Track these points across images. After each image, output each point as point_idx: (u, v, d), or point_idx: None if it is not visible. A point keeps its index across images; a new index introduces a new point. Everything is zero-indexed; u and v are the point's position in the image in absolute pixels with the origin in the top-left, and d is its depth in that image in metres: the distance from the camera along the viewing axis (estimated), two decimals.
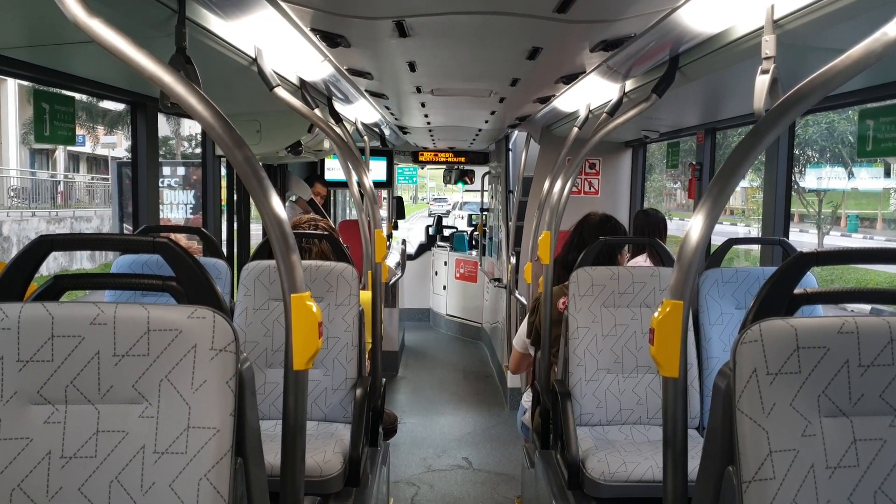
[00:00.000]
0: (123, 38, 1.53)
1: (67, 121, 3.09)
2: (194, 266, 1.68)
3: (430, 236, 11.64)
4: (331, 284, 3.26)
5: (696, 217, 1.63)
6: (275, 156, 4.75)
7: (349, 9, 2.50)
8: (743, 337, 1.44)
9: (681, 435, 1.68)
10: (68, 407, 1.51)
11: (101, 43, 1.52)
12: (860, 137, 2.95)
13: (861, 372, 1.43)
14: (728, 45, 2.47)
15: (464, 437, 6.42)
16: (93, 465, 1.49)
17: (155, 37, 2.21)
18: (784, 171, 3.81)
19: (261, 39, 2.79)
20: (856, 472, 1.43)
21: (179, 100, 1.55)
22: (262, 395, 3.20)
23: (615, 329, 3.27)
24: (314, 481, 2.78)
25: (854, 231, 22.66)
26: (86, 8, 1.49)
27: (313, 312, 1.69)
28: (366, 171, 3.76)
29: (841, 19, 1.91)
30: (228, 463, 1.49)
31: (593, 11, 2.38)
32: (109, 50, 1.53)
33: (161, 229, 3.86)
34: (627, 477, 2.82)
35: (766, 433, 1.40)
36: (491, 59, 3.39)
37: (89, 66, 2.98)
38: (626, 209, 6.39)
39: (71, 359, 1.50)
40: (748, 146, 1.58)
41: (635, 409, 3.26)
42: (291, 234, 1.68)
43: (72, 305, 1.52)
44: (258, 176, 1.64)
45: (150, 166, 3.82)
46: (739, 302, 3.36)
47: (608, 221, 3.80)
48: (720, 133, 4.78)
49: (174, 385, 1.50)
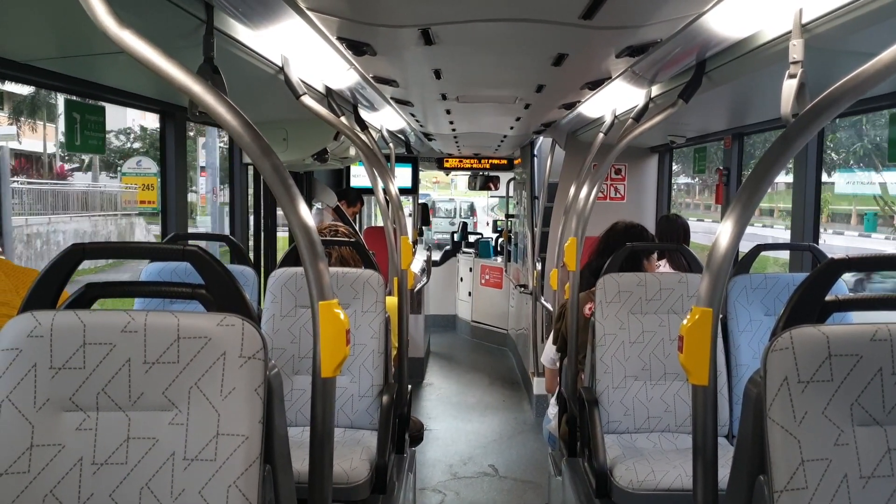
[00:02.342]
0: (153, 48, 1.54)
1: (98, 130, 3.14)
2: (223, 273, 1.69)
3: (456, 242, 11.63)
4: (357, 291, 3.27)
5: (725, 223, 1.61)
6: (301, 163, 4.78)
7: (375, 17, 2.51)
8: (774, 344, 1.43)
9: (711, 443, 1.66)
10: (100, 414, 1.52)
11: (131, 53, 1.53)
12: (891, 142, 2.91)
13: (895, 380, 1.41)
14: (755, 49, 2.45)
15: (490, 445, 6.40)
16: (123, 471, 1.50)
17: (183, 47, 2.23)
18: (813, 176, 3.77)
19: (287, 48, 2.81)
20: (891, 483, 1.40)
21: (208, 109, 1.57)
22: (289, 402, 3.21)
23: (642, 336, 3.25)
24: (341, 488, 2.78)
25: (872, 230, 22.26)
26: (117, 19, 1.51)
27: (341, 320, 1.69)
28: (391, 177, 3.77)
29: (870, 23, 1.88)
30: (257, 470, 1.50)
31: (619, 17, 2.37)
32: (140, 60, 1.54)
33: (190, 237, 3.90)
34: (656, 485, 2.80)
35: (799, 442, 1.39)
36: (516, 66, 3.39)
37: (119, 76, 3.02)
38: (652, 215, 6.35)
39: (102, 366, 1.52)
40: (777, 152, 1.57)
41: (663, 417, 3.24)
42: (319, 242, 1.69)
43: (103, 313, 1.54)
44: (286, 184, 1.65)
45: (178, 175, 3.86)
46: (769, 308, 3.32)
47: (634, 228, 3.79)
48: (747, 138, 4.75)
49: (203, 392, 1.51)
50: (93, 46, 2.42)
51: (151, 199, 6.87)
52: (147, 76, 1.55)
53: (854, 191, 21.15)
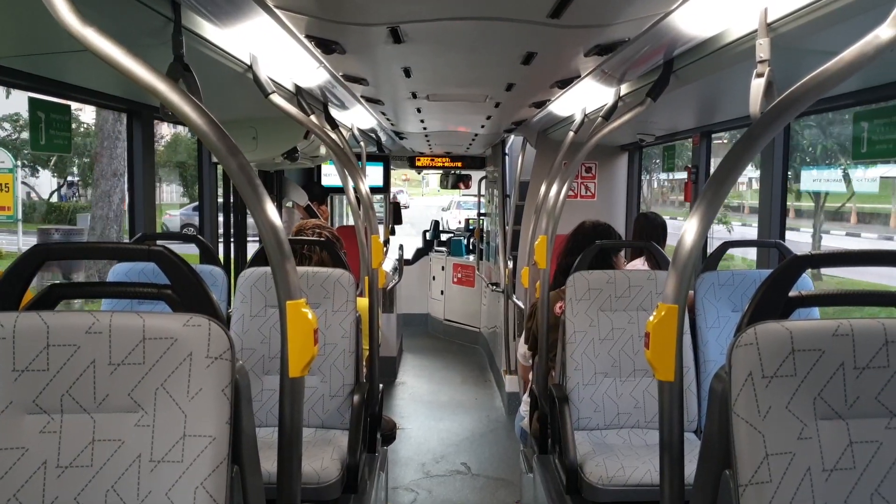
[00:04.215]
0: (118, 46, 1.52)
1: (63, 129, 3.10)
2: (189, 273, 1.68)
3: (428, 241, 11.63)
4: (327, 291, 3.26)
5: (690, 221, 1.63)
6: (271, 162, 4.75)
7: (343, 15, 2.50)
8: (738, 340, 1.45)
9: (677, 439, 1.68)
10: (64, 416, 1.50)
11: (94, 51, 1.51)
12: (855, 139, 2.95)
13: (857, 374, 1.43)
14: (722, 48, 2.48)
15: (462, 443, 6.41)
16: (89, 474, 1.49)
17: (151, 45, 2.21)
18: (780, 173, 3.82)
19: (256, 47, 2.79)
20: (852, 475, 1.43)
21: (173, 108, 1.55)
22: (260, 403, 3.19)
23: (612, 333, 3.27)
24: (312, 488, 2.77)
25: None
26: (79, 17, 1.49)
27: (309, 319, 1.69)
28: (362, 176, 3.76)
29: (834, 22, 1.91)
30: (225, 471, 1.48)
31: (586, 16, 2.38)
32: (103, 59, 1.52)
33: (158, 237, 3.86)
34: (625, 481, 2.82)
35: (763, 436, 1.40)
36: (486, 65, 3.40)
37: (84, 74, 2.98)
38: (622, 212, 6.40)
39: (66, 368, 1.50)
40: (742, 150, 1.59)
41: (633, 413, 3.26)
42: (286, 242, 1.68)
43: (67, 314, 1.52)
44: (253, 183, 1.63)
45: (146, 174, 3.82)
46: (736, 305, 3.36)
47: (601, 227, 3.83)
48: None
49: (170, 393, 1.50)
50: (57, 44, 2.39)
51: (6, 203, 5.31)
52: (113, 74, 1.53)
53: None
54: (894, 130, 2.66)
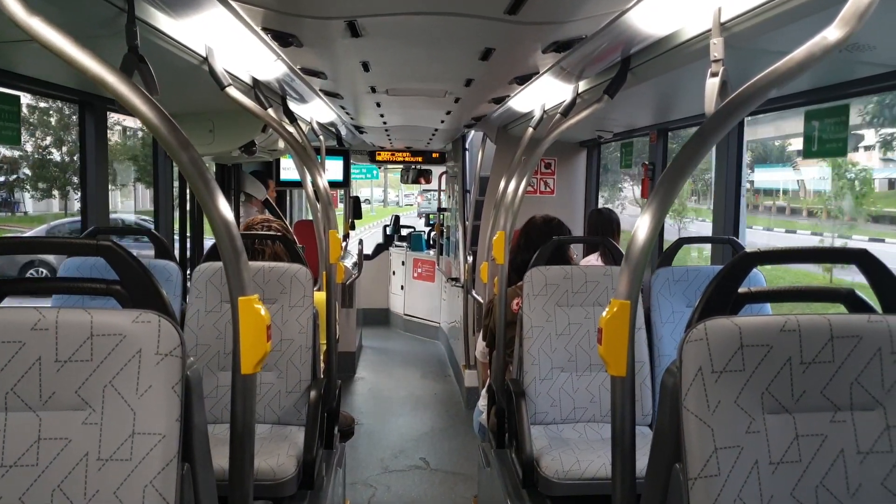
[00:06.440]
0: (65, 36, 1.49)
1: (12, 120, 3.03)
2: (139, 269, 1.65)
3: (388, 236, 11.60)
4: (284, 286, 3.23)
5: (643, 217, 1.64)
6: (228, 155, 4.69)
7: (300, 8, 2.48)
8: (689, 336, 1.46)
9: (629, 433, 1.69)
10: (8, 414, 1.47)
11: (41, 42, 1.48)
12: (806, 138, 3.00)
13: (803, 369, 1.46)
14: (677, 46, 2.51)
15: (421, 438, 6.41)
16: (34, 473, 1.46)
17: (103, 36, 2.16)
18: (734, 171, 3.87)
19: (212, 38, 2.76)
20: (798, 468, 1.45)
21: (122, 99, 1.52)
22: (215, 399, 3.16)
23: (569, 328, 3.30)
24: (267, 485, 2.75)
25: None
26: (25, 6, 1.45)
27: (261, 315, 1.67)
28: (320, 171, 3.74)
29: (784, 23, 1.94)
30: (175, 469, 1.46)
31: (543, 13, 2.39)
32: (51, 49, 1.49)
33: (111, 231, 3.79)
34: (581, 475, 2.85)
35: (712, 430, 1.42)
36: (444, 60, 3.40)
37: (33, 64, 2.92)
38: (581, 208, 6.44)
39: (11, 365, 1.46)
40: (694, 147, 1.60)
41: (589, 408, 3.29)
42: (239, 237, 1.67)
43: (12, 310, 1.49)
44: (205, 178, 1.61)
45: (99, 167, 3.75)
46: (690, 300, 3.41)
47: (552, 222, 3.86)
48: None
49: (118, 391, 1.47)
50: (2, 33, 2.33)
51: None
52: (63, 65, 1.50)
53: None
54: (843, 129, 2.71)
